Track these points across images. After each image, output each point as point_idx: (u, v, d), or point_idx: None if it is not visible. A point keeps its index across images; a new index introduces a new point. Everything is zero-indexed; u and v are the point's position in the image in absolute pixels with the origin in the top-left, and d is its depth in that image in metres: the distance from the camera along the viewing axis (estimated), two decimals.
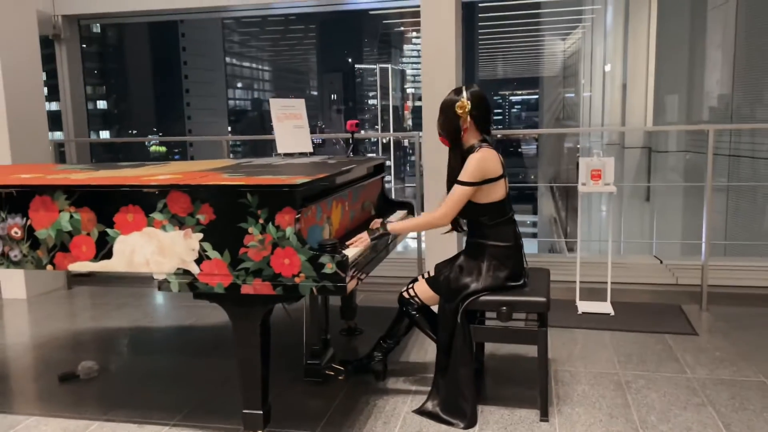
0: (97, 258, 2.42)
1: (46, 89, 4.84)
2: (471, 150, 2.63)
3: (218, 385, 3.07)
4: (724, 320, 3.76)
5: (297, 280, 2.25)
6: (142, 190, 2.34)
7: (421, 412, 2.69)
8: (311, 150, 3.56)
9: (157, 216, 2.34)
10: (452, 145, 2.69)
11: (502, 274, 2.63)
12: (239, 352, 2.40)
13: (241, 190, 2.25)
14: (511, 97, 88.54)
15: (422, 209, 4.22)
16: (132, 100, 55.88)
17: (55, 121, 5.03)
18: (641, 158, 12.46)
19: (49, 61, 4.84)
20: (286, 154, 3.47)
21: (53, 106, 5.43)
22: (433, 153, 3.90)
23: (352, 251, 2.42)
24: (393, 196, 3.77)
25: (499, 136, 4.52)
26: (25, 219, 2.46)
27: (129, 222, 2.37)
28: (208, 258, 2.31)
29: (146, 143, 46.96)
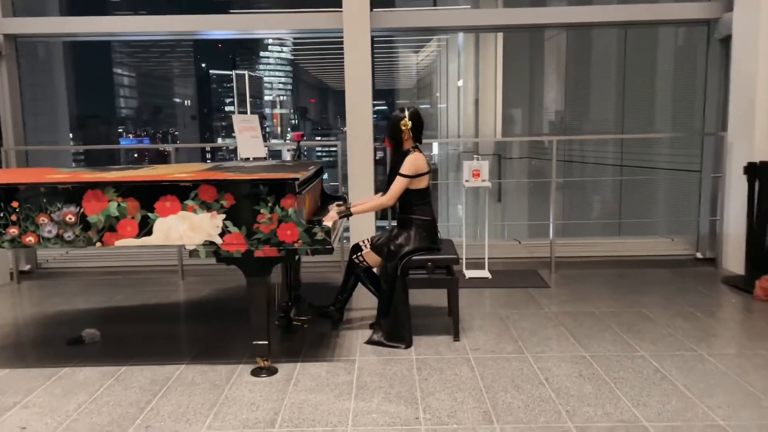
0: (139, 236, 3.24)
1: None
2: (407, 152, 3.76)
3: (210, 338, 3.93)
4: (566, 278, 5.20)
5: (296, 245, 3.23)
6: (179, 184, 3.20)
7: (370, 342, 3.76)
8: (265, 155, 4.49)
9: (189, 203, 3.21)
10: (394, 149, 3.80)
11: (425, 237, 3.78)
12: (251, 299, 3.33)
13: (257, 182, 3.20)
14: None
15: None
16: None
17: None
18: (493, 164, 14.32)
19: None
20: (246, 159, 4.38)
21: None
22: (356, 158, 4.99)
23: (329, 223, 3.42)
24: None
25: None
26: (78, 208, 3.22)
27: (167, 208, 3.22)
28: (229, 232, 3.22)
29: None
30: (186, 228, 3.23)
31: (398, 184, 3.71)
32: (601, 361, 3.40)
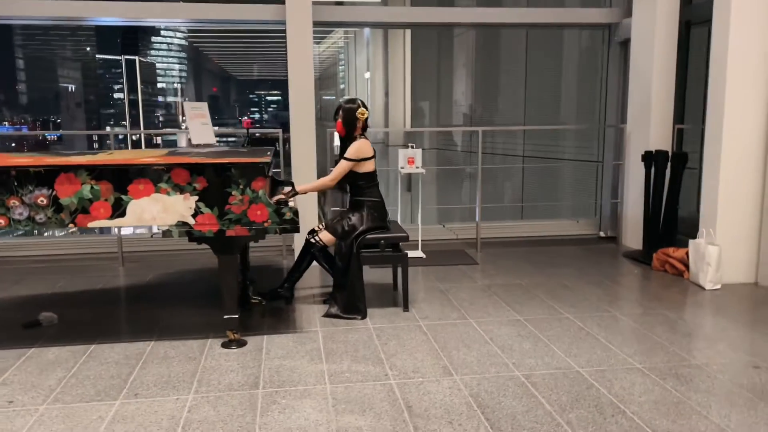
0: (113, 217, 3.37)
1: None
2: (354, 139, 4.09)
3: (170, 317, 4.08)
4: (491, 256, 5.72)
5: (266, 225, 3.48)
6: (152, 167, 3.36)
7: (327, 315, 4.06)
8: (214, 141, 4.65)
9: (163, 185, 3.38)
10: (347, 136, 4.12)
11: (376, 217, 4.12)
12: (223, 276, 3.54)
13: (228, 166, 3.41)
14: (267, 97, 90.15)
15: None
16: None
17: None
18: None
19: None
20: (198, 144, 4.53)
21: None
22: (299, 146, 5.24)
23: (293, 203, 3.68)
24: None
25: (257, 134, 6.05)
26: (50, 190, 3.30)
27: (140, 190, 3.37)
28: (202, 213, 3.42)
29: None
30: (159, 209, 3.39)
31: (341, 167, 4.03)
32: (533, 323, 3.90)
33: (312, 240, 4.18)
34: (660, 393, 2.92)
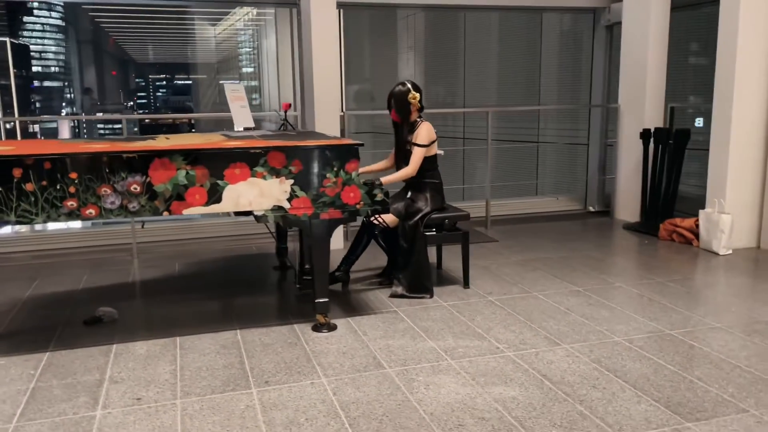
0: (208, 203, 3.23)
1: None
2: (415, 123, 4.11)
3: (236, 306, 3.96)
4: (503, 233, 5.92)
5: (358, 206, 3.47)
6: (249, 151, 3.25)
7: (393, 295, 4.10)
8: (253, 125, 4.52)
9: (259, 169, 3.28)
10: (403, 122, 4.13)
11: (438, 199, 4.19)
12: (316, 259, 3.49)
13: (324, 148, 3.36)
14: (158, 82, 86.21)
15: None
16: None
17: None
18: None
19: None
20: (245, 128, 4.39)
21: None
22: (325, 131, 5.17)
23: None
24: None
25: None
26: (144, 177, 3.12)
27: (236, 175, 3.25)
28: (297, 197, 3.36)
29: None
30: (256, 194, 3.30)
31: (418, 154, 4.05)
32: (595, 293, 4.12)
33: (375, 221, 4.18)
34: (755, 348, 3.21)
